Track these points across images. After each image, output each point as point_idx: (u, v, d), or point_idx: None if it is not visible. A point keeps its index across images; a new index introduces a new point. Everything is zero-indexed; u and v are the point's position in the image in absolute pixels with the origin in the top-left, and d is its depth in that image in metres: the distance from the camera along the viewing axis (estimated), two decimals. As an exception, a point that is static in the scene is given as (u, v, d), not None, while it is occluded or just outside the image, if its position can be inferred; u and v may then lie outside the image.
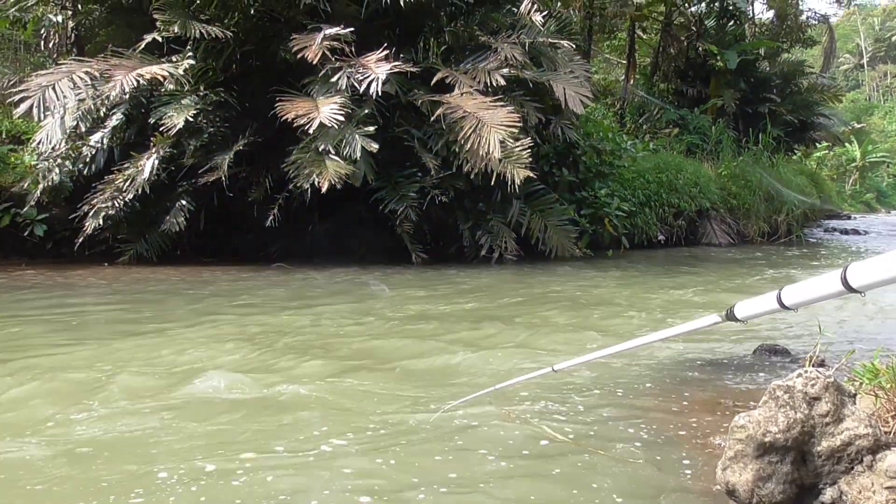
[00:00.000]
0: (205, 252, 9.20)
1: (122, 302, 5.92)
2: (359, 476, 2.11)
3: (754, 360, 3.65)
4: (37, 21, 10.71)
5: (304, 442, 2.41)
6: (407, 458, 2.26)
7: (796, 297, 1.62)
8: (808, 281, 1.58)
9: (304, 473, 2.13)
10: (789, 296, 1.63)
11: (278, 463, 2.21)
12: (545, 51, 9.51)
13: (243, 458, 2.25)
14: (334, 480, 2.07)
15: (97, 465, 2.20)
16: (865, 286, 1.41)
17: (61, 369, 3.38)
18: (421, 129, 8.60)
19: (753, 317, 1.83)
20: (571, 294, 6.52)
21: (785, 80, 19.73)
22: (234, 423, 2.62)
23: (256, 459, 2.24)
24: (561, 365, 2.56)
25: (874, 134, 46.95)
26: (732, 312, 1.87)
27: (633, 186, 11.65)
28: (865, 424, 1.87)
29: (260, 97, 8.62)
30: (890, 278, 1.35)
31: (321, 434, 2.48)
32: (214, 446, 2.36)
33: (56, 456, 2.27)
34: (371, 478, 2.10)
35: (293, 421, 2.62)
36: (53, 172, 8.87)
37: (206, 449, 2.33)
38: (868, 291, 1.44)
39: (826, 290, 1.54)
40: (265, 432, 2.51)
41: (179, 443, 2.40)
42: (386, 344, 4.12)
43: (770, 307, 1.72)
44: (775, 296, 1.67)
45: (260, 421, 2.64)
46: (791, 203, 14.18)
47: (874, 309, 5.41)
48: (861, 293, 1.44)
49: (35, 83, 7.64)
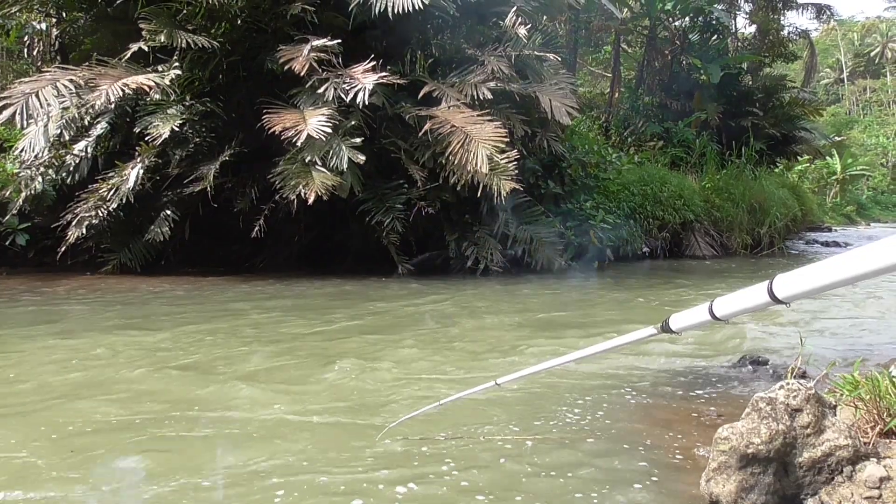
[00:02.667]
0: (189, 262, 9.15)
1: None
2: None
3: (737, 371, 3.69)
4: (20, 28, 10.66)
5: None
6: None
7: (727, 309, 1.66)
8: (737, 293, 1.62)
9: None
10: (720, 307, 1.67)
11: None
12: (531, 63, 9.57)
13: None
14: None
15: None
16: (791, 297, 1.46)
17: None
18: (408, 141, 8.62)
19: (688, 328, 1.86)
20: (553, 305, 6.55)
21: (767, 94, 19.99)
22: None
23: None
24: (504, 379, 2.49)
25: (854, 147, 47.57)
26: (668, 324, 1.89)
27: (618, 199, 11.73)
28: (846, 435, 1.90)
29: (246, 108, 8.62)
30: (813, 289, 1.40)
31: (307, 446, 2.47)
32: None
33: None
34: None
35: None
36: (36, 181, 8.81)
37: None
38: (795, 301, 1.49)
39: (754, 302, 1.57)
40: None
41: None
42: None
43: (702, 319, 1.75)
44: (707, 307, 1.70)
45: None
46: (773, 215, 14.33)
47: (855, 320, 5.48)
48: (786, 304, 1.48)
49: (18, 90, 7.59)
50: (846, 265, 1.30)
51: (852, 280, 1.32)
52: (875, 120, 59.80)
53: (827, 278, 1.35)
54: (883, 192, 48.74)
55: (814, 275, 1.38)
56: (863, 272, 1.26)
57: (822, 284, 1.37)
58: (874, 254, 1.22)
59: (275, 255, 9.38)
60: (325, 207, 8.01)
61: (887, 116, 59.72)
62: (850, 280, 1.32)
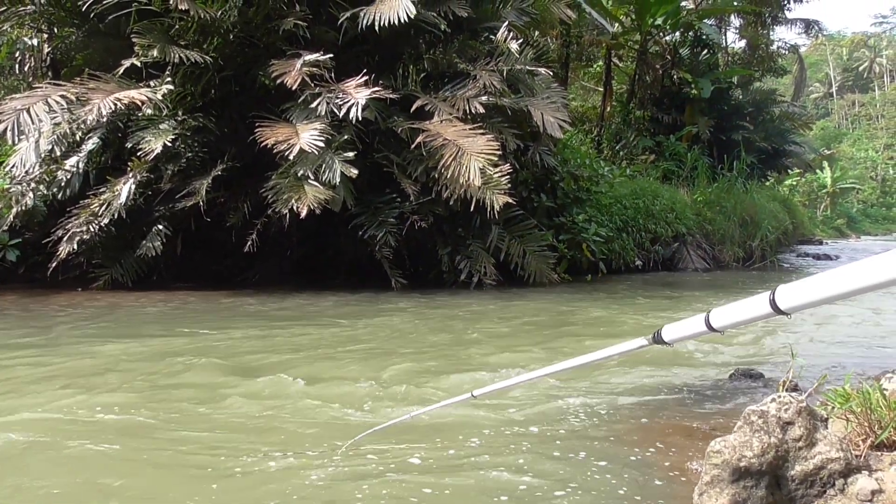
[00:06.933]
0: (181, 277, 9.11)
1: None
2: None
3: (730, 384, 3.69)
4: (11, 44, 10.65)
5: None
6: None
7: (725, 320, 1.64)
8: (736, 303, 1.59)
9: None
10: (718, 318, 1.64)
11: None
12: (523, 78, 9.63)
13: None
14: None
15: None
16: (793, 308, 1.45)
17: None
18: (400, 155, 8.64)
19: (681, 339, 1.83)
20: (544, 319, 6.54)
21: (757, 108, 20.18)
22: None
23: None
24: (481, 391, 2.47)
25: (843, 161, 47.99)
26: (660, 335, 1.87)
27: (610, 212, 11.77)
28: (837, 448, 1.90)
29: (239, 122, 8.62)
30: (816, 300, 1.40)
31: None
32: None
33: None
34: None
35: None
36: (27, 196, 8.77)
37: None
38: (797, 313, 1.48)
39: (755, 313, 1.56)
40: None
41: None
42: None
43: (698, 330, 1.72)
44: (703, 318, 1.67)
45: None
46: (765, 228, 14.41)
47: (846, 332, 5.50)
48: (788, 315, 1.48)
49: (10, 106, 7.58)
50: (850, 277, 1.31)
51: (855, 293, 1.32)
52: (864, 133, 60.39)
53: (830, 290, 1.36)
54: (873, 206, 49.16)
55: (817, 286, 1.39)
56: (866, 285, 1.27)
57: (825, 296, 1.38)
58: (878, 267, 1.22)
59: (267, 270, 9.35)
60: (317, 221, 8.01)
61: (876, 130, 60.31)
62: (853, 293, 1.32)
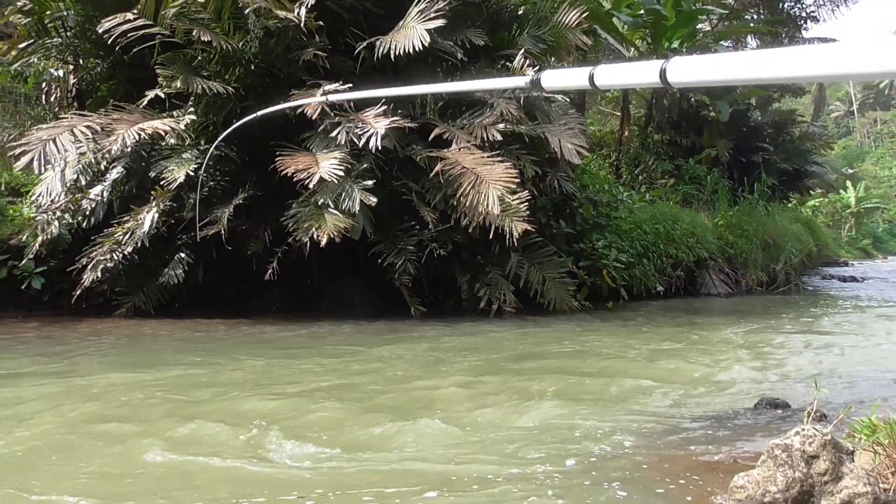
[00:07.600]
0: (203, 304, 9.18)
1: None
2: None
3: (755, 414, 3.64)
4: (38, 75, 10.89)
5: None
6: None
7: (610, 79, 1.60)
8: (625, 64, 1.57)
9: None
10: (602, 76, 1.59)
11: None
12: (540, 104, 9.66)
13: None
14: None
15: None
16: (681, 84, 1.39)
17: None
18: (419, 183, 8.68)
19: (560, 90, 1.82)
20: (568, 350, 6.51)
21: (777, 129, 20.04)
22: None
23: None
24: (333, 96, 2.37)
25: (867, 180, 47.43)
26: (538, 80, 1.83)
27: (630, 237, 11.68)
28: (864, 482, 1.86)
29: (259, 151, 8.73)
30: (707, 80, 1.34)
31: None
32: None
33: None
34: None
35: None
36: (52, 225, 8.91)
37: None
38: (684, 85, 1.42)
39: (642, 79, 1.50)
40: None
41: None
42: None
43: (579, 83, 1.69)
44: (588, 73, 1.62)
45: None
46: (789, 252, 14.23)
47: (868, 358, 5.40)
48: (672, 89, 1.44)
49: (36, 137, 7.73)
50: (746, 64, 1.25)
51: (749, 81, 1.27)
52: (887, 152, 59.72)
53: (724, 72, 1.28)
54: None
55: (711, 65, 1.32)
56: (761, 76, 1.21)
57: (718, 77, 1.31)
58: (776, 59, 1.16)
59: (286, 297, 9.39)
60: (337, 249, 8.05)
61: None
62: (748, 80, 1.27)
